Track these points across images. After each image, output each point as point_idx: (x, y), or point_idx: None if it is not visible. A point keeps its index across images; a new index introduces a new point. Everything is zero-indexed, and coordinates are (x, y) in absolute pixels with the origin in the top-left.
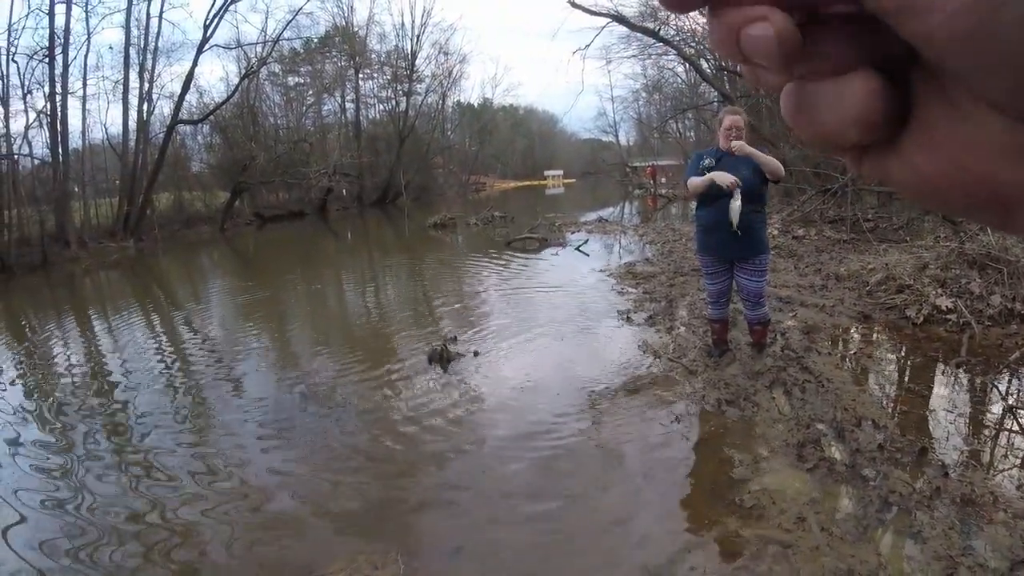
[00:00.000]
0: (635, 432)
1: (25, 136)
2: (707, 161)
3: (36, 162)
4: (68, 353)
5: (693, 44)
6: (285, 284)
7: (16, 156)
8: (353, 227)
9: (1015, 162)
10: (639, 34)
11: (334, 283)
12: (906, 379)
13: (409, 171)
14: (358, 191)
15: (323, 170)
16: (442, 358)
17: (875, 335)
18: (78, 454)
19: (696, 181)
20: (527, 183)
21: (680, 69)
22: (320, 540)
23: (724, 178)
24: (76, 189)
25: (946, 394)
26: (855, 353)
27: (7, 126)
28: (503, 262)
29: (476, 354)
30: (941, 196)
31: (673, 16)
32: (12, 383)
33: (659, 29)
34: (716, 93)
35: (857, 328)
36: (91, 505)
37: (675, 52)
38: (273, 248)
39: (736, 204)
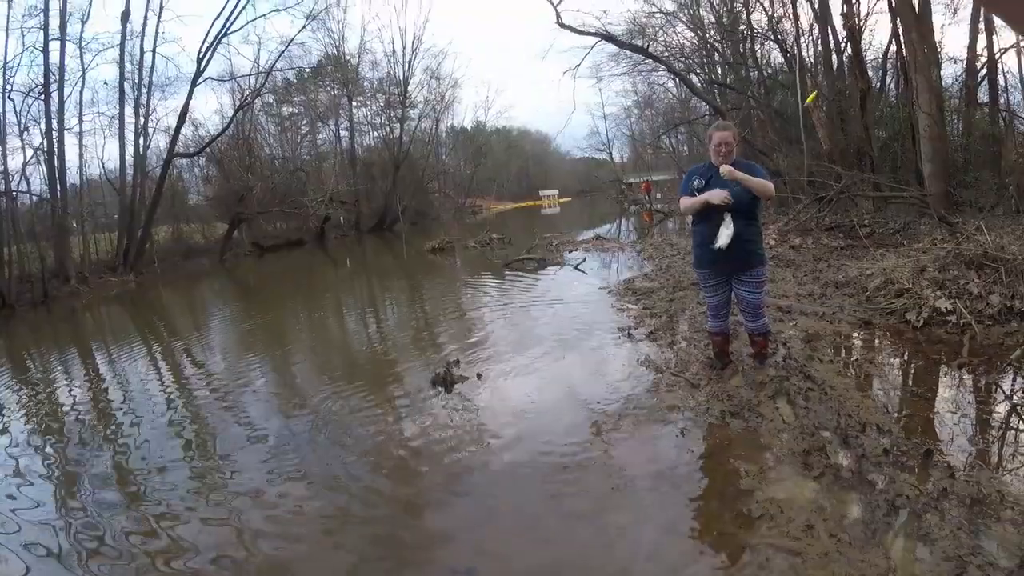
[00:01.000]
0: (641, 448)
1: (23, 173)
2: (696, 182)
3: (34, 198)
4: (71, 389)
5: (682, 59)
6: (287, 313)
7: (14, 193)
8: (352, 254)
9: None
10: (628, 51)
11: (335, 310)
12: (909, 382)
13: (405, 196)
14: (355, 218)
15: (320, 198)
16: (445, 381)
17: (876, 340)
18: (81, 490)
19: (688, 202)
20: (523, 204)
21: (671, 84)
22: (330, 567)
23: (715, 195)
24: (75, 224)
25: (950, 396)
26: (857, 359)
27: (5, 163)
28: (502, 283)
29: (479, 376)
30: None
31: (661, 32)
32: (15, 419)
33: (648, 46)
34: (707, 107)
35: (858, 334)
36: (96, 547)
37: (665, 68)
38: (273, 278)
39: (727, 231)
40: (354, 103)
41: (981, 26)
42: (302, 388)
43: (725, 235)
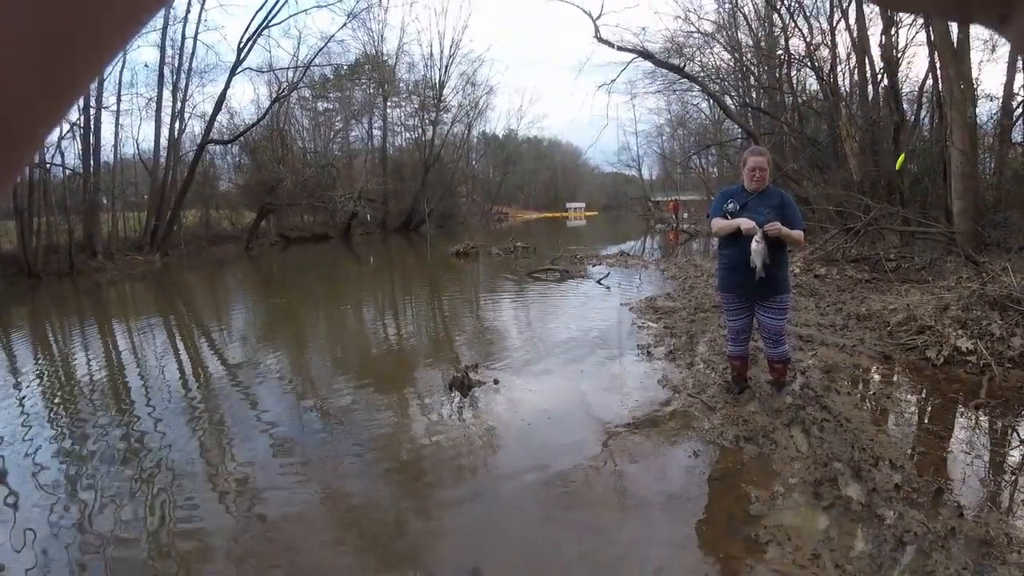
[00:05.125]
0: (652, 466)
1: (58, 146)
2: (731, 205)
3: (67, 172)
4: (89, 361)
5: (718, 80)
6: (307, 305)
7: (48, 165)
8: (376, 252)
9: None
10: (664, 70)
11: (356, 306)
12: (925, 420)
13: (433, 199)
14: (382, 217)
15: (349, 195)
16: (463, 385)
17: (895, 376)
18: (89, 469)
19: (721, 223)
20: (549, 215)
21: (704, 105)
22: (337, 565)
23: (748, 225)
24: (105, 201)
25: (965, 436)
26: (875, 393)
27: None
28: (524, 292)
29: (496, 382)
30: None
31: (698, 53)
32: (30, 386)
33: (684, 65)
34: (740, 130)
35: (877, 368)
36: (100, 527)
37: (700, 88)
38: (297, 269)
39: (759, 247)
40: (388, 103)
41: (1020, 64)
42: (317, 379)
43: (757, 252)
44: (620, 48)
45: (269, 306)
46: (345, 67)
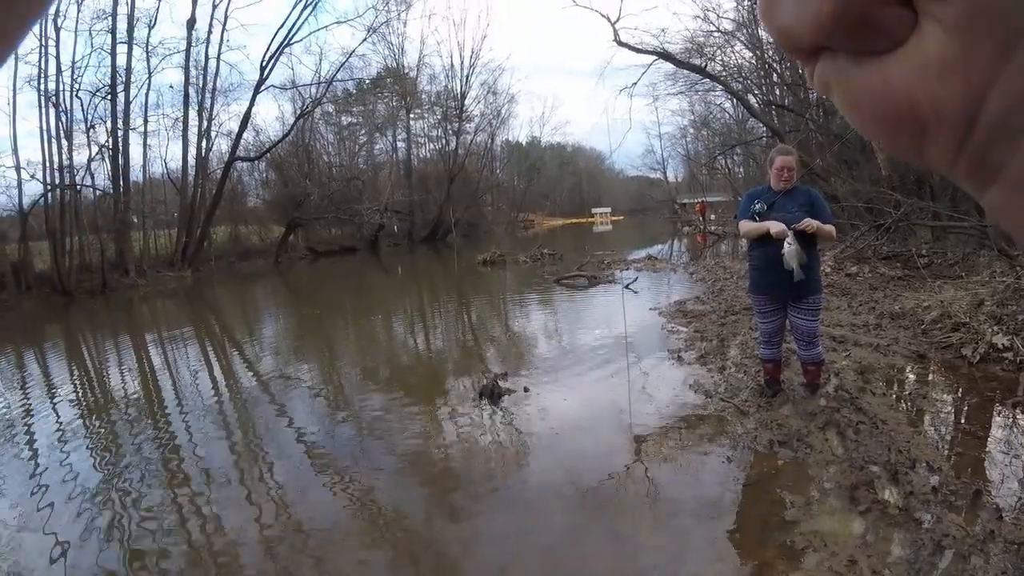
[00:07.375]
0: (685, 472)
1: (88, 168)
2: (758, 205)
3: (98, 193)
4: (123, 374)
5: (740, 79)
6: (337, 317)
7: (79, 186)
8: (404, 263)
9: (939, 78)
10: (686, 71)
11: (385, 317)
12: (962, 420)
13: (459, 208)
14: (409, 228)
15: (375, 207)
16: (492, 393)
17: (930, 375)
18: (122, 480)
19: (750, 226)
20: (575, 220)
21: (728, 105)
22: (368, 574)
23: (778, 229)
24: (136, 220)
25: (1002, 435)
26: (910, 393)
27: (71, 158)
28: (552, 299)
29: (526, 390)
30: (878, 112)
31: (719, 52)
32: (64, 399)
33: (706, 65)
34: (765, 128)
35: (912, 368)
36: (132, 537)
37: (722, 88)
38: (326, 282)
39: (791, 248)
40: (411, 115)
41: None
42: (348, 390)
43: (791, 254)
44: (640, 51)
45: (300, 318)
46: (367, 81)
